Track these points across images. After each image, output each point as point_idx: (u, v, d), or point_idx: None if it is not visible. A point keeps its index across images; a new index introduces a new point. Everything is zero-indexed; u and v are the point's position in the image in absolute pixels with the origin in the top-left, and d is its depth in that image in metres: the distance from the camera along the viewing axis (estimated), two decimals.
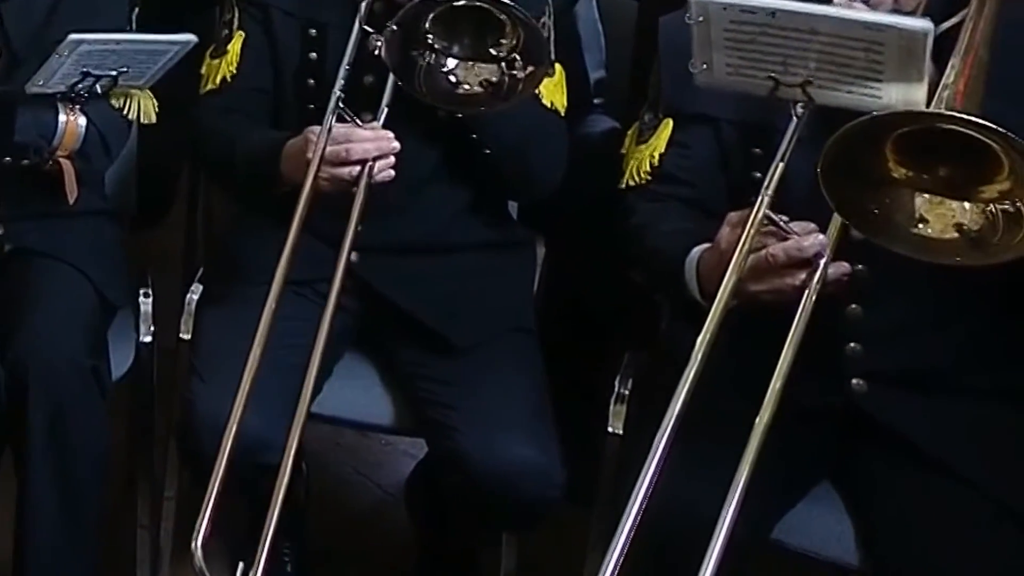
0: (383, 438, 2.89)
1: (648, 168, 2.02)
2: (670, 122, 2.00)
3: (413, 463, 2.57)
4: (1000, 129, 1.44)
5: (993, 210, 1.53)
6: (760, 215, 1.70)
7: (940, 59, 1.64)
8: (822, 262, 1.68)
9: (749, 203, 1.73)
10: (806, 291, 1.68)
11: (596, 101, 2.56)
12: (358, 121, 2.06)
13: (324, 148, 2.02)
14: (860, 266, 1.83)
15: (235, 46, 2.25)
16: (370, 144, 2.04)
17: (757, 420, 1.61)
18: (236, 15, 2.26)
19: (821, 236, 1.69)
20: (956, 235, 1.56)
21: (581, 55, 2.52)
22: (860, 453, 1.92)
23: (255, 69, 2.25)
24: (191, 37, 2.16)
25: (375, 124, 2.06)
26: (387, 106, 2.08)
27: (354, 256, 2.09)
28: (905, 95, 1.62)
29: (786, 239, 1.70)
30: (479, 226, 2.26)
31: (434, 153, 2.20)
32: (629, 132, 2.10)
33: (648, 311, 2.26)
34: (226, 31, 2.28)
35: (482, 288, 2.23)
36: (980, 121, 1.45)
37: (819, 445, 1.93)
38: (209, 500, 1.89)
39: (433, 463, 2.36)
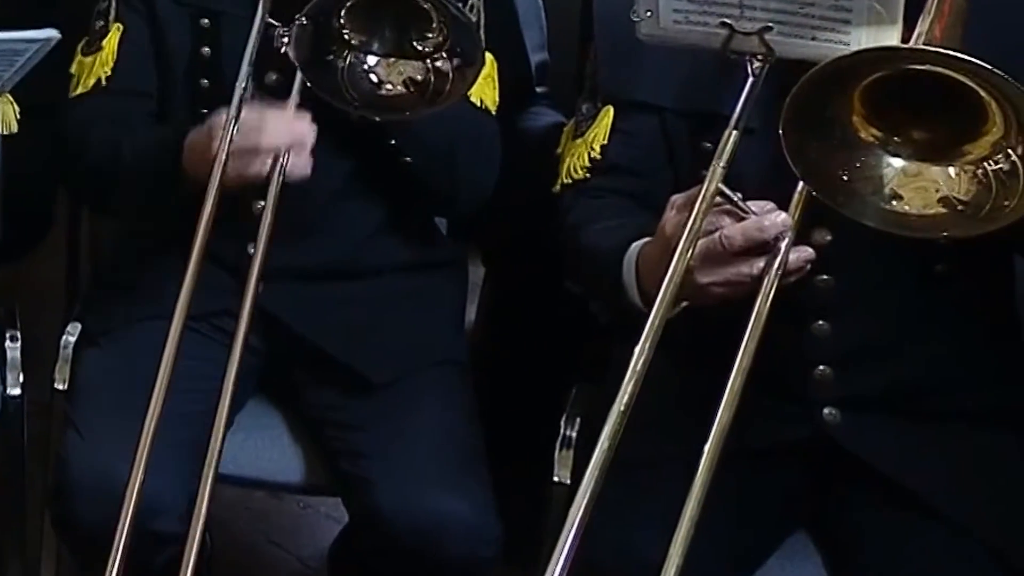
0: (300, 500, 2.95)
1: (587, 162, 2.10)
2: (610, 109, 2.09)
3: (336, 528, 2.64)
4: (985, 64, 1.48)
5: (984, 171, 1.58)
6: (712, 189, 1.72)
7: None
8: (783, 246, 1.71)
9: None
10: (765, 280, 1.70)
11: (539, 90, 2.65)
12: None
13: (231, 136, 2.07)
14: (824, 276, 1.92)
15: (111, 41, 2.33)
16: (283, 128, 2.10)
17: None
18: (113, 4, 2.34)
19: (783, 215, 1.72)
20: (944, 210, 1.60)
21: (520, 35, 2.61)
22: (837, 495, 2.01)
23: (136, 68, 2.34)
24: (52, 33, 2.15)
25: (288, 107, 2.12)
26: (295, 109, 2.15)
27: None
28: (876, 40, 1.70)
29: (743, 219, 1.72)
30: (400, 245, 2.37)
31: (347, 163, 2.30)
32: (565, 129, 2.19)
33: (600, 337, 2.35)
34: (101, 23, 2.36)
35: (404, 316, 2.35)
36: (962, 56, 1.49)
37: (789, 488, 2.02)
38: None
39: (352, 525, 2.45)
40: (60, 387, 2.37)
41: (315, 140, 2.15)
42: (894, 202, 1.64)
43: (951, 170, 1.61)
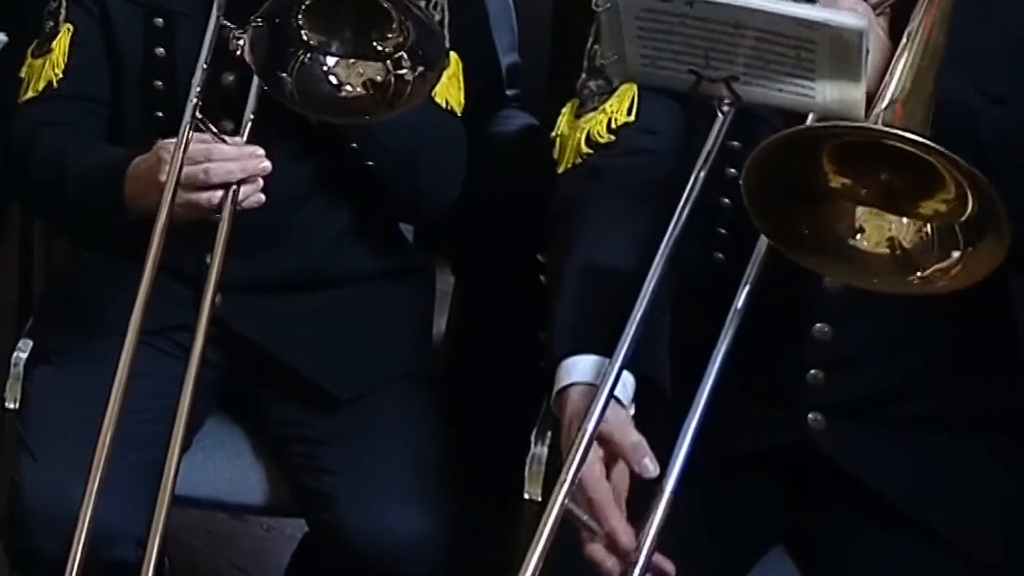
0: (264, 522, 2.97)
1: (604, 132, 2.06)
2: (633, 86, 2.06)
3: None
4: (940, 148, 1.56)
5: (928, 229, 1.67)
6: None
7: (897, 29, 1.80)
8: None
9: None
10: None
11: (510, 93, 2.66)
12: (219, 135, 2.15)
13: (180, 167, 2.10)
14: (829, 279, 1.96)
15: (62, 43, 2.35)
16: (234, 164, 2.13)
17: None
18: (63, 4, 2.36)
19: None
20: (887, 251, 1.70)
21: (490, 36, 2.62)
22: (815, 508, 2.04)
23: (87, 70, 2.36)
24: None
25: (238, 140, 2.16)
26: (252, 115, 2.18)
27: (216, 297, 2.18)
28: (841, 94, 1.75)
29: None
30: (364, 253, 2.39)
31: (307, 168, 2.33)
32: (564, 110, 2.15)
33: None
34: (51, 24, 2.37)
35: (369, 328, 2.37)
36: (918, 139, 1.58)
37: (768, 502, 2.05)
38: None
39: (312, 541, 2.48)
40: (11, 406, 2.38)
41: (274, 145, 2.18)
42: (858, 236, 1.71)
43: (904, 219, 1.70)
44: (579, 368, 1.86)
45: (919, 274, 1.67)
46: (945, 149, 1.56)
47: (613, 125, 2.06)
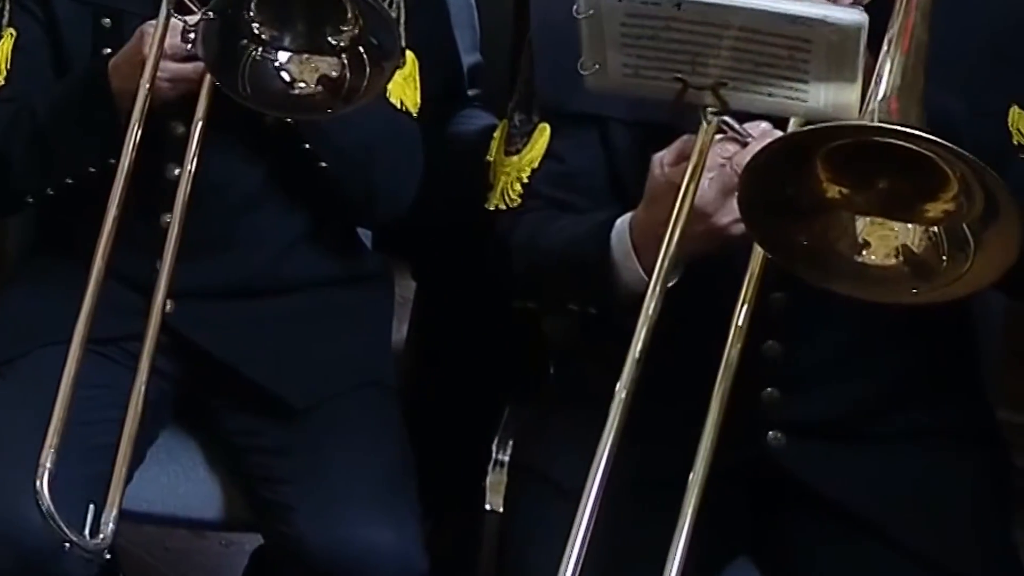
0: (223, 537, 2.95)
1: (520, 189, 2.11)
2: (547, 128, 2.09)
3: None
4: (942, 141, 1.53)
5: (937, 231, 1.64)
6: (711, 131, 1.77)
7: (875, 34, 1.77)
8: None
9: None
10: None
11: (471, 93, 2.65)
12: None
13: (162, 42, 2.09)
14: (777, 293, 1.95)
15: (4, 48, 2.33)
16: None
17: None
18: (6, 7, 2.34)
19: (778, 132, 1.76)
20: (899, 260, 1.67)
21: (451, 35, 2.60)
22: (780, 519, 2.05)
23: (31, 75, 2.33)
24: None
25: None
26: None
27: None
28: (836, 97, 1.73)
29: (746, 145, 1.76)
30: (320, 258, 2.36)
31: (260, 169, 2.30)
32: (495, 134, 2.19)
33: (534, 356, 2.36)
34: None
35: (326, 335, 2.34)
36: (919, 134, 1.54)
37: (733, 512, 2.04)
38: None
39: (266, 555, 2.47)
40: None
41: (225, 147, 2.18)
42: (864, 251, 1.69)
43: (910, 225, 1.67)
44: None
45: (935, 280, 1.64)
46: (944, 140, 1.52)
47: (528, 174, 2.09)
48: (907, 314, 1.81)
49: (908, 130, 1.56)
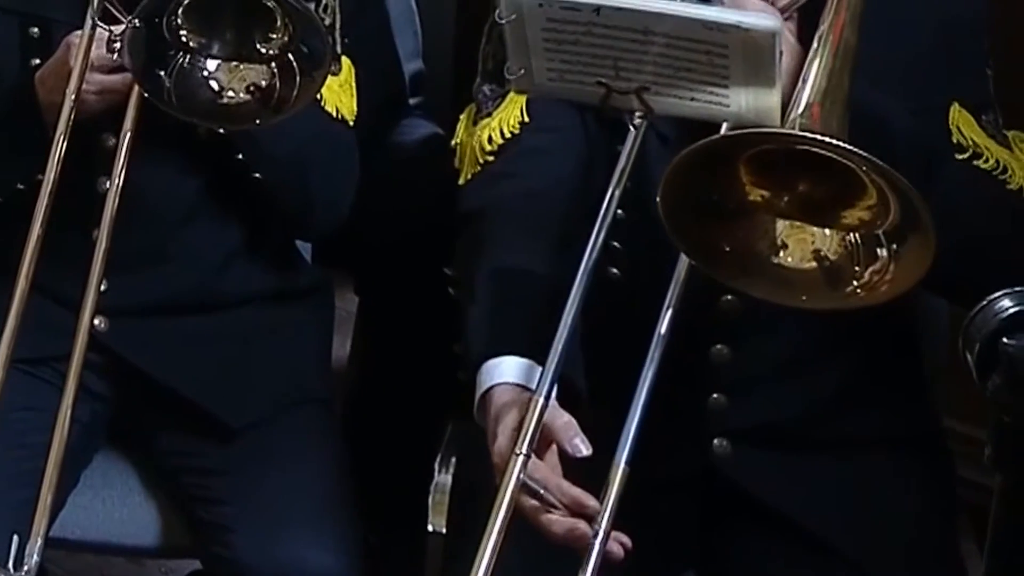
0: (162, 564, 2.92)
1: (499, 138, 2.06)
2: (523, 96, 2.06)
3: None
4: (857, 151, 1.55)
5: (852, 239, 1.65)
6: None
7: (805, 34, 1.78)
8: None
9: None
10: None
11: (413, 101, 2.64)
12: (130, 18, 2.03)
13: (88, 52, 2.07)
14: (727, 296, 1.94)
15: None
16: None
17: None
18: None
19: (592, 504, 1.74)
20: (814, 264, 1.68)
21: (391, 41, 2.59)
22: (726, 532, 2.04)
23: None
24: None
25: None
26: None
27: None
28: (755, 102, 1.73)
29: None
30: (257, 273, 2.33)
31: (194, 182, 2.27)
32: (462, 117, 2.15)
33: None
34: None
35: (264, 352, 2.31)
36: (835, 143, 1.56)
37: (679, 526, 2.03)
38: None
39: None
40: None
41: (157, 160, 2.15)
42: (781, 253, 1.70)
43: (827, 230, 1.68)
44: (501, 369, 1.86)
45: (847, 288, 1.65)
46: (861, 151, 1.54)
47: (506, 131, 2.06)
48: (854, 321, 1.81)
49: (825, 139, 1.57)
